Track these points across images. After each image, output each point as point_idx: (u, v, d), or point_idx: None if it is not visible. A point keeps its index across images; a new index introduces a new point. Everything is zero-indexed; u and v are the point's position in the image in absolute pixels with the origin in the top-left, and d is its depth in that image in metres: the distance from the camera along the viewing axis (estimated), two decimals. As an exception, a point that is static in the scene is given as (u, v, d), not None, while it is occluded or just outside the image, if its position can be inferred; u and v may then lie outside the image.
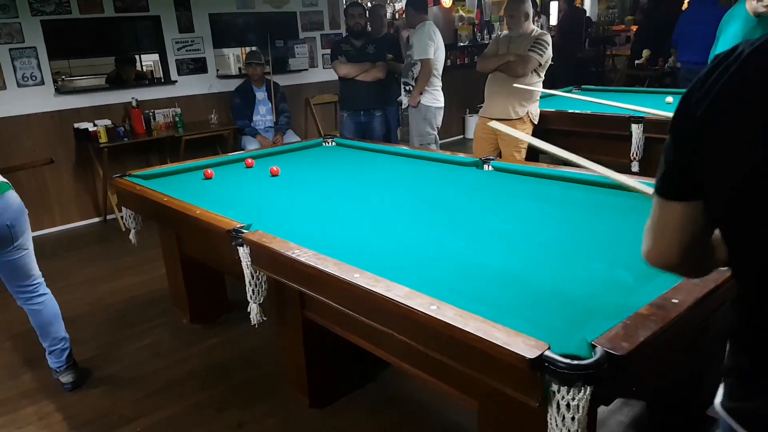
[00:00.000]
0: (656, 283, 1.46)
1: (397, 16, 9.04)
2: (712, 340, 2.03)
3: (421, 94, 4.56)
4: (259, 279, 2.11)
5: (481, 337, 1.25)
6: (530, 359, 1.16)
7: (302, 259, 1.77)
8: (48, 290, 2.58)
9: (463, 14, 7.77)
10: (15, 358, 2.91)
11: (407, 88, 4.64)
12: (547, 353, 1.17)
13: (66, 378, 2.59)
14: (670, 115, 0.89)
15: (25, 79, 4.54)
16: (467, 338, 1.28)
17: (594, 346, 1.19)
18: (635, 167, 3.81)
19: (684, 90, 0.85)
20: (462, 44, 7.54)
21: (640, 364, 1.23)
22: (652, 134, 3.74)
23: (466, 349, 1.31)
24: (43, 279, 2.57)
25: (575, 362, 1.14)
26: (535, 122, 4.08)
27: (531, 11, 3.93)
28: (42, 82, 4.62)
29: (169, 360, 2.82)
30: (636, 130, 3.75)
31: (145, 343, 2.98)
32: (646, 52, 7.76)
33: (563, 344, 1.20)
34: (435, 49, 4.50)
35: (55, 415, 2.44)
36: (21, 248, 2.39)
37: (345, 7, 5.14)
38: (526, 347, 1.19)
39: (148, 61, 6.98)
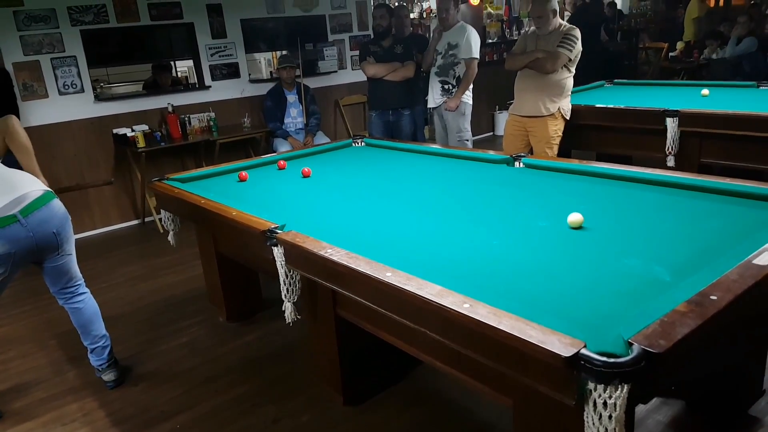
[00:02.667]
0: (693, 280, 1.44)
1: (424, 16, 9.02)
2: (754, 336, 1.99)
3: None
4: (293, 278, 2.15)
5: (515, 335, 1.25)
6: (566, 357, 1.15)
7: (335, 258, 1.80)
8: (87, 290, 2.67)
9: (492, 11, 7.73)
10: (60, 355, 3.02)
11: (446, 86, 4.62)
12: (583, 351, 1.16)
13: (108, 376, 2.67)
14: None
15: (66, 87, 4.71)
16: (501, 336, 1.28)
17: (631, 344, 1.17)
18: (671, 162, 3.72)
19: (721, 82, 0.82)
20: (490, 41, 7.49)
21: (678, 362, 1.22)
22: (688, 128, 3.65)
23: (499, 347, 1.31)
24: (83, 280, 2.65)
25: (612, 360, 1.13)
26: (567, 117, 4.03)
27: (557, 7, 3.89)
28: (82, 90, 4.78)
29: (207, 357, 2.89)
30: (671, 123, 3.66)
31: (183, 341, 3.06)
32: (680, 44, 7.58)
33: (599, 342, 1.19)
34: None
35: (98, 411, 2.53)
36: (65, 254, 2.48)
37: (372, 9, 5.17)
38: (561, 345, 1.18)
39: (183, 67, 7.14)
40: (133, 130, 4.79)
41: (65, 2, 4.56)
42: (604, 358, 1.14)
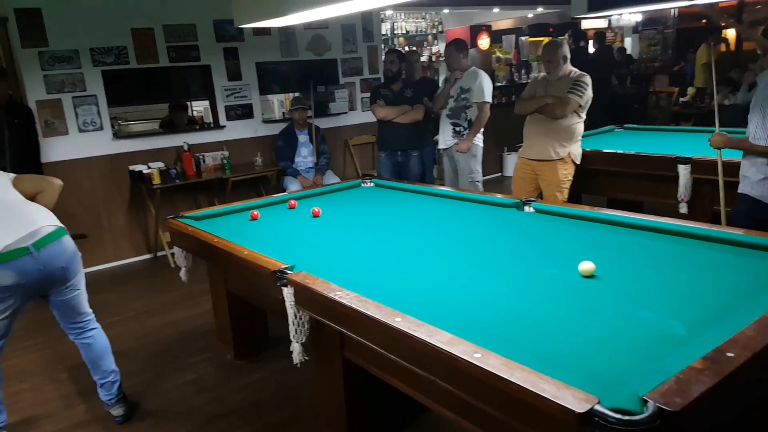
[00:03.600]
0: (709, 335, 1.42)
1: (434, 59, 9.21)
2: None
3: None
4: (301, 319, 2.14)
5: (527, 389, 1.23)
6: (580, 413, 1.13)
7: (344, 302, 1.80)
8: (98, 325, 2.68)
9: (501, 55, 7.87)
10: (70, 389, 3.02)
11: (457, 129, 4.68)
12: (597, 407, 1.14)
13: (116, 411, 2.67)
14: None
15: (86, 124, 4.82)
16: (512, 389, 1.26)
17: (646, 401, 1.15)
18: (683, 209, 3.70)
19: (734, 128, 0.82)
20: (500, 84, 7.61)
21: (694, 420, 1.19)
22: (701, 175, 3.64)
23: (510, 400, 1.29)
24: (93, 315, 2.67)
25: (627, 418, 1.11)
26: (577, 162, 4.05)
27: (568, 54, 3.96)
28: (101, 128, 4.89)
29: (213, 395, 2.86)
30: (683, 171, 3.65)
31: (190, 378, 3.05)
32: (691, 90, 7.64)
33: (613, 398, 1.17)
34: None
35: (104, 448, 2.51)
36: (74, 288, 2.51)
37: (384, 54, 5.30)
38: (575, 401, 1.16)
39: (199, 107, 7.30)
40: (149, 167, 4.87)
41: (88, 44, 4.71)
42: (619, 416, 1.12)
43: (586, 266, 1.95)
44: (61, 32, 4.59)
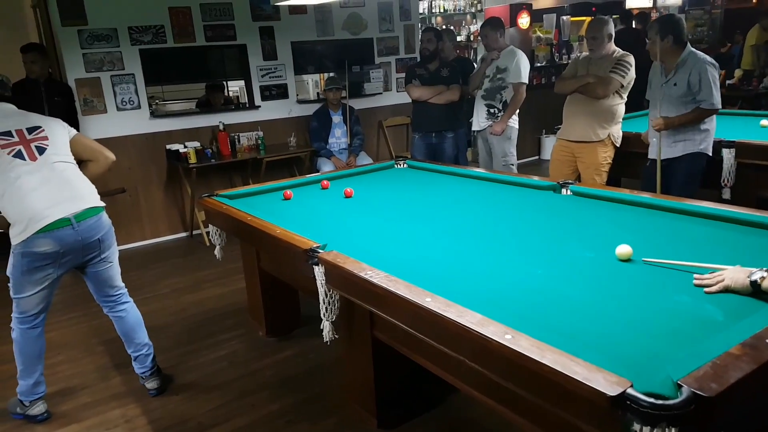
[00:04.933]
0: (748, 322, 1.37)
1: (472, 38, 9.05)
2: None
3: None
4: (332, 297, 2.16)
5: (558, 371, 1.21)
6: (612, 396, 1.11)
7: (374, 281, 1.80)
8: (131, 299, 2.78)
9: (541, 35, 7.68)
10: (106, 362, 3.12)
11: (492, 110, 4.60)
12: (630, 391, 1.12)
13: (151, 384, 2.76)
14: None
15: (124, 103, 4.92)
16: (543, 370, 1.24)
17: (680, 386, 1.12)
18: (726, 194, 3.58)
19: None
20: (539, 64, 7.43)
21: (730, 407, 1.16)
22: (745, 159, 3.50)
23: (541, 382, 1.27)
24: (126, 290, 2.76)
25: (660, 402, 1.08)
26: (617, 144, 3.95)
27: (613, 32, 3.84)
28: (138, 106, 4.99)
29: (244, 370, 2.93)
30: (727, 155, 3.53)
31: (223, 354, 3.12)
32: (738, 72, 7.32)
33: (647, 382, 1.15)
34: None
35: (139, 418, 2.60)
36: (107, 261, 2.62)
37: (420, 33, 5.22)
38: (607, 384, 1.14)
39: (235, 87, 7.36)
40: (185, 147, 4.96)
41: (126, 22, 4.79)
42: (652, 400, 1.09)
43: (624, 250, 1.91)
44: (101, 11, 4.68)
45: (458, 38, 8.74)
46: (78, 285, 3.56)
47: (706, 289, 1.62)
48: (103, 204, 2.58)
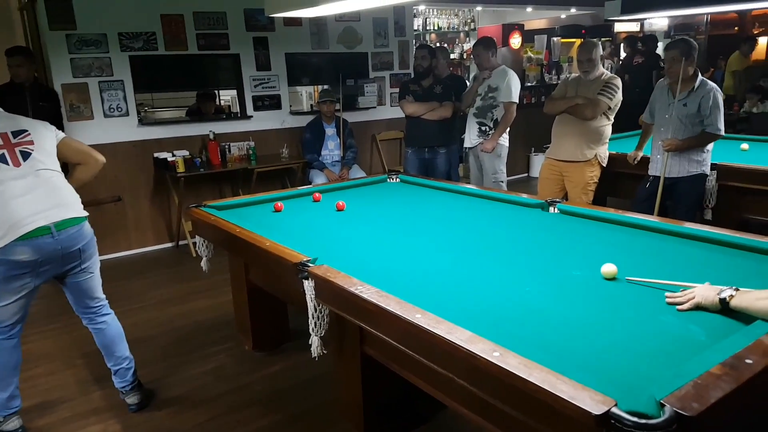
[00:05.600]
0: (729, 342, 1.41)
1: (465, 56, 9.17)
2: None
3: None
4: (321, 312, 2.16)
5: (545, 389, 1.23)
6: (597, 415, 1.13)
7: (365, 296, 1.81)
8: (111, 311, 2.71)
9: (532, 55, 7.80)
10: (86, 375, 3.06)
11: (483, 128, 4.65)
12: (614, 410, 1.14)
13: (131, 399, 2.69)
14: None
15: (112, 110, 4.89)
16: (530, 389, 1.26)
17: (663, 405, 1.15)
18: (708, 215, 3.65)
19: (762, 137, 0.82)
20: (529, 84, 7.54)
21: (710, 426, 1.18)
22: (726, 182, 3.59)
23: (528, 400, 1.29)
24: (107, 301, 2.70)
25: (643, 421, 1.10)
26: (604, 165, 4.01)
27: (601, 54, 3.93)
28: (127, 113, 4.96)
29: (231, 385, 2.90)
30: (709, 177, 3.61)
31: (209, 368, 3.09)
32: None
33: (631, 401, 1.17)
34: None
35: (120, 434, 2.54)
36: (88, 271, 2.55)
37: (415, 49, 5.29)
38: (592, 403, 1.16)
39: (226, 96, 7.37)
40: (173, 155, 4.94)
41: (116, 28, 4.77)
42: (635, 419, 1.11)
43: (609, 269, 1.94)
44: (90, 16, 4.66)
45: (452, 56, 8.85)
46: (59, 295, 3.49)
47: (678, 307, 1.68)
48: (86, 214, 2.52)
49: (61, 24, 4.57)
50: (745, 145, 4.39)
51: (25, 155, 2.38)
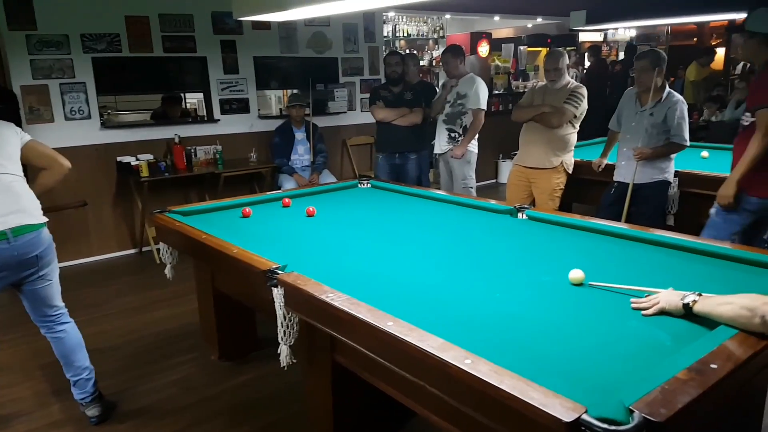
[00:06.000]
0: (695, 346, 1.43)
1: (434, 63, 9.24)
2: (754, 404, 1.96)
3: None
4: (291, 320, 2.12)
5: (516, 396, 1.23)
6: (567, 422, 1.14)
7: (336, 304, 1.78)
8: (71, 320, 2.64)
9: (499, 63, 7.92)
10: (45, 387, 2.95)
11: (452, 135, 4.69)
12: (585, 417, 1.14)
13: (91, 411, 2.60)
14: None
15: (73, 112, 4.76)
16: (502, 396, 1.26)
17: (632, 411, 1.16)
18: (670, 221, 3.75)
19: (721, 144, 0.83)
20: (497, 92, 7.65)
21: (677, 431, 1.20)
22: (688, 189, 3.69)
23: (499, 407, 1.29)
24: (65, 310, 2.62)
25: (613, 427, 1.11)
26: (570, 171, 4.08)
27: (567, 63, 4.01)
28: (89, 116, 4.83)
29: (197, 397, 2.83)
30: (672, 184, 3.71)
31: (174, 378, 3.01)
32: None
33: (600, 407, 1.17)
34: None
35: (81, 447, 2.46)
36: (45, 278, 2.49)
37: (384, 56, 5.30)
38: (563, 410, 1.17)
39: (193, 99, 7.24)
40: (137, 159, 4.83)
41: (79, 29, 4.65)
42: (605, 425, 1.12)
43: (576, 274, 1.97)
44: (51, 16, 4.53)
45: (421, 63, 8.91)
46: (16, 304, 3.37)
47: (643, 312, 1.71)
48: (44, 220, 2.45)
49: (21, 24, 4.44)
50: (705, 153, 4.53)
51: None
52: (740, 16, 6.58)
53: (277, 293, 2.07)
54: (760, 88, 2.90)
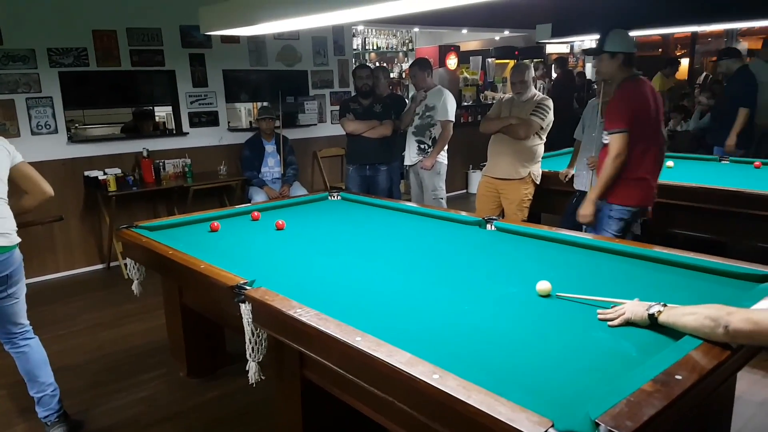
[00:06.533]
0: (660, 357, 1.45)
1: (404, 76, 9.32)
2: (722, 413, 2.00)
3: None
4: (259, 336, 2.10)
5: (483, 411, 1.23)
6: (534, 437, 1.14)
7: (303, 319, 1.77)
8: (35, 336, 2.61)
9: (468, 76, 8.03)
10: (10, 407, 2.87)
11: (422, 146, 4.71)
12: (551, 431, 1.15)
13: (57, 431, 2.55)
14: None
15: (39, 127, 4.66)
16: (470, 411, 1.26)
17: (598, 424, 1.17)
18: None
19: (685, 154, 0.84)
20: (466, 104, 7.74)
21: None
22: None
23: (468, 422, 1.29)
24: (30, 327, 2.59)
25: (579, 441, 1.12)
26: (537, 182, 4.14)
27: (533, 75, 4.08)
28: (56, 131, 4.74)
29: (165, 414, 2.77)
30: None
31: (141, 396, 2.94)
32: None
33: (567, 421, 1.18)
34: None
35: (44, 470, 2.39)
36: (13, 297, 2.47)
37: (354, 68, 5.32)
38: (530, 424, 1.17)
39: (161, 112, 7.14)
40: (105, 173, 4.74)
41: (45, 44, 4.58)
42: (572, 439, 1.13)
43: (543, 286, 1.99)
44: (17, 30, 4.45)
45: (391, 75, 8.97)
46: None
47: (609, 323, 1.73)
48: (18, 240, 2.44)
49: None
50: (670, 163, 4.63)
51: None
52: (702, 28, 6.79)
53: (245, 309, 2.05)
54: (615, 110, 3.03)
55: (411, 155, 4.80)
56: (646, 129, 3.02)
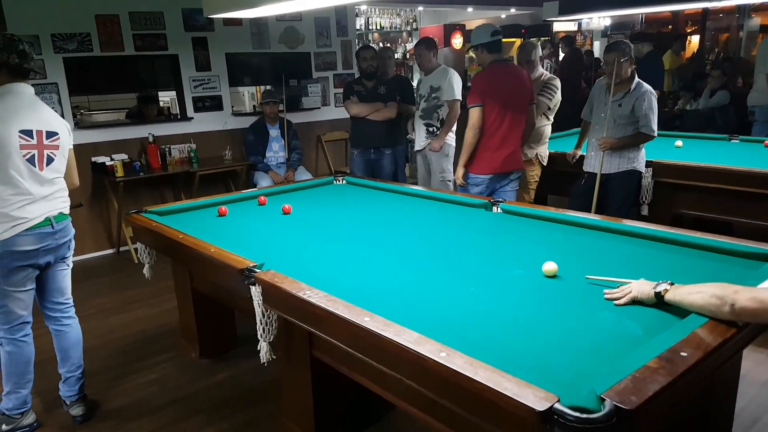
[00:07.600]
0: (665, 335, 1.47)
1: (408, 56, 9.24)
2: (727, 390, 2.02)
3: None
4: (269, 318, 2.13)
5: (490, 387, 1.26)
6: (540, 412, 1.16)
7: (313, 301, 1.79)
8: (76, 317, 2.70)
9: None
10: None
11: (431, 129, 4.67)
12: (557, 406, 1.17)
13: (76, 410, 2.63)
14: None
15: (46, 113, 4.66)
16: (476, 387, 1.28)
17: (603, 399, 1.19)
18: (645, 210, 3.82)
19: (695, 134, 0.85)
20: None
21: (648, 418, 1.23)
22: (662, 178, 3.75)
23: (474, 398, 1.31)
24: (73, 305, 2.69)
25: (584, 416, 1.14)
26: (544, 164, 4.13)
27: (540, 55, 4.05)
28: (62, 117, 4.72)
29: (176, 395, 2.82)
30: (645, 174, 3.77)
31: (153, 377, 3.00)
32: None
33: (572, 396, 1.21)
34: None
35: (62, 449, 2.44)
36: (66, 263, 2.63)
37: (357, 49, 5.28)
38: (535, 399, 1.19)
39: (165, 97, 7.15)
40: (112, 159, 4.76)
41: (49, 29, 4.57)
42: (577, 414, 1.15)
43: (549, 267, 2.00)
44: (21, 16, 4.43)
45: (395, 56, 8.90)
46: None
47: (616, 302, 1.75)
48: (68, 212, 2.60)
49: (-12, 26, 4.31)
50: (679, 142, 4.60)
51: (50, 160, 2.44)
52: (713, 4, 6.66)
53: (255, 291, 2.07)
54: (472, 87, 3.64)
55: (420, 139, 4.73)
56: (497, 104, 3.52)
